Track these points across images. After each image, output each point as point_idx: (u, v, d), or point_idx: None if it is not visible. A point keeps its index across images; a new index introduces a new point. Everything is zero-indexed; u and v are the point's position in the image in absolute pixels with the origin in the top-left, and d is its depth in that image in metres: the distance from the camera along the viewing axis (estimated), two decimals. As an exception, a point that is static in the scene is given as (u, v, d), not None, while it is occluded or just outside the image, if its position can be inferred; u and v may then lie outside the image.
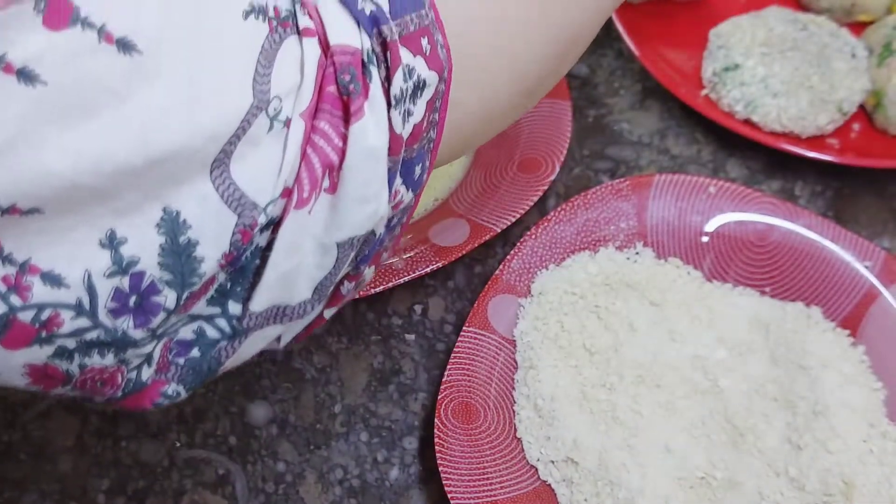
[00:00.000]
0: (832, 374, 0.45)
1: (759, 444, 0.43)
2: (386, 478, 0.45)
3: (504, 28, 0.31)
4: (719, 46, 0.56)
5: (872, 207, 0.55)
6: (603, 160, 0.56)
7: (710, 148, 0.57)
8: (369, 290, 0.45)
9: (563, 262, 0.48)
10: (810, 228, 0.49)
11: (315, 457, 0.45)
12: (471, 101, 0.30)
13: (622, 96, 0.59)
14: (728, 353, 0.45)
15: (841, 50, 0.55)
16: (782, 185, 0.56)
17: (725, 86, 0.55)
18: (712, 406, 0.44)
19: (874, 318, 0.47)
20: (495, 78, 0.31)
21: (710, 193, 0.50)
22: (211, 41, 0.22)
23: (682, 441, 0.43)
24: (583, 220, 0.49)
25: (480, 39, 0.30)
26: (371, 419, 0.46)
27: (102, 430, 0.45)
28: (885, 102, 0.54)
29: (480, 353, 0.45)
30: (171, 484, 0.44)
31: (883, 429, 0.44)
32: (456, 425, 0.42)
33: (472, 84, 0.30)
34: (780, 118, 0.54)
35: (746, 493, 0.41)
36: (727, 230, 0.49)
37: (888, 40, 0.55)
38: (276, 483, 0.44)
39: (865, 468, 0.42)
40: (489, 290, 0.46)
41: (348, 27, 0.25)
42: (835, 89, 0.53)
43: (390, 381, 0.48)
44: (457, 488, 0.40)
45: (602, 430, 0.43)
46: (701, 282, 0.49)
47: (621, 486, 0.41)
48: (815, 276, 0.48)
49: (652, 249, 0.49)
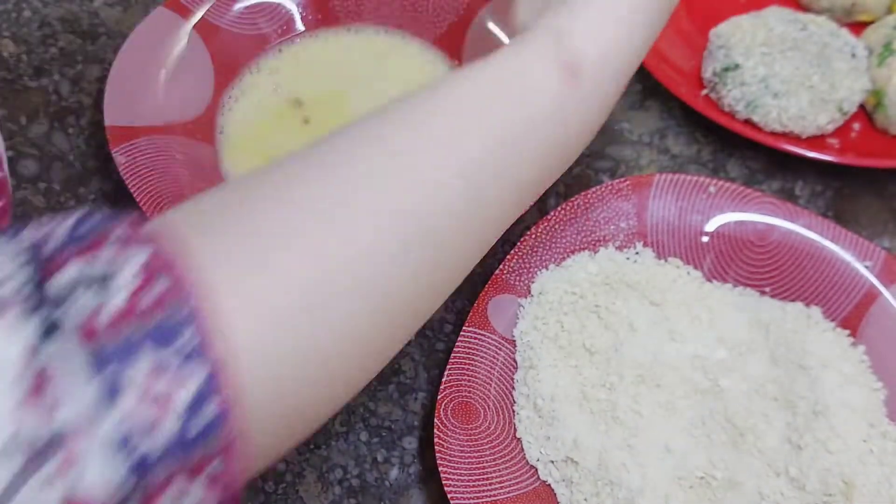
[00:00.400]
0: (832, 374, 0.45)
1: (759, 444, 0.43)
2: (385, 477, 0.45)
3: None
4: (719, 46, 0.56)
5: (872, 207, 0.55)
6: (603, 160, 0.56)
7: (710, 148, 0.57)
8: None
9: (563, 262, 0.48)
10: (810, 228, 0.49)
11: (314, 456, 0.45)
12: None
13: (622, 96, 0.59)
14: (728, 353, 0.45)
15: (841, 50, 0.55)
16: (782, 185, 0.56)
17: (725, 86, 0.55)
18: (712, 406, 0.44)
19: (874, 318, 0.47)
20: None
21: (710, 193, 0.50)
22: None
23: (682, 441, 0.43)
24: (583, 220, 0.49)
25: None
26: (371, 418, 0.46)
27: (102, 430, 0.45)
28: (886, 102, 0.54)
29: (480, 353, 0.45)
30: (170, 483, 0.44)
31: (883, 429, 0.44)
32: (456, 425, 0.42)
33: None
34: (781, 118, 0.54)
35: (746, 493, 0.41)
36: (727, 230, 0.49)
37: (888, 40, 0.55)
38: (275, 482, 0.44)
39: (865, 468, 0.42)
40: (489, 290, 0.46)
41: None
42: (835, 89, 0.53)
43: (390, 380, 0.48)
44: (456, 488, 0.40)
45: (602, 429, 0.43)
46: (701, 282, 0.49)
47: (621, 486, 0.41)
48: (815, 276, 0.48)
49: (652, 249, 0.49)
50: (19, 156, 0.54)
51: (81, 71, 0.58)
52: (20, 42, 0.59)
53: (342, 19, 0.58)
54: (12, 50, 0.58)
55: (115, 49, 0.56)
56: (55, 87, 0.57)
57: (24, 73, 0.57)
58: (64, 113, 0.56)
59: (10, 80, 0.57)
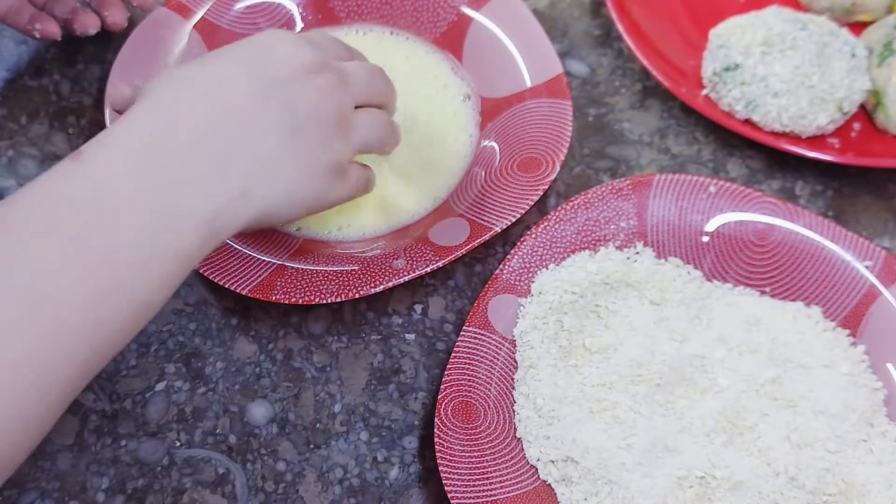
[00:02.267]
0: (832, 373, 0.45)
1: (759, 444, 0.43)
2: (386, 477, 0.45)
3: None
4: (719, 46, 0.56)
5: (872, 207, 0.55)
6: (603, 159, 0.56)
7: (711, 147, 0.57)
8: (369, 289, 0.45)
9: (563, 262, 0.48)
10: (810, 228, 0.49)
11: (315, 456, 0.45)
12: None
13: (622, 95, 0.59)
14: (728, 353, 0.45)
15: (841, 49, 0.55)
16: (782, 185, 0.56)
17: (725, 85, 0.55)
18: (712, 405, 0.44)
19: (874, 318, 0.47)
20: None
21: (710, 193, 0.50)
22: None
23: (681, 441, 0.43)
24: (583, 220, 0.49)
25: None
26: (371, 418, 0.46)
27: (102, 429, 0.45)
28: (886, 102, 0.54)
29: (480, 353, 0.45)
30: (170, 483, 0.44)
31: (883, 429, 0.44)
32: (456, 424, 0.42)
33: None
34: (781, 118, 0.54)
35: (746, 493, 0.41)
36: (727, 230, 0.49)
37: (888, 40, 0.55)
38: (275, 482, 0.44)
39: (865, 468, 0.42)
40: (489, 290, 0.46)
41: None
42: (835, 89, 0.53)
43: (390, 380, 0.48)
44: (457, 488, 0.40)
45: (601, 429, 0.43)
46: (701, 281, 0.49)
47: (621, 486, 0.41)
48: (815, 276, 0.48)
49: (652, 249, 0.49)
50: (19, 156, 0.54)
51: (81, 71, 0.58)
52: (20, 42, 0.59)
53: (342, 19, 0.58)
54: (12, 50, 0.58)
55: (115, 49, 0.56)
56: (55, 87, 0.57)
57: (25, 73, 0.57)
58: (64, 113, 0.56)
59: (11, 79, 0.57)
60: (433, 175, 0.52)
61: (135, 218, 0.34)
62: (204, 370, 0.47)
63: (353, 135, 0.43)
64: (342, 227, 0.50)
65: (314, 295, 0.45)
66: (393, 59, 0.56)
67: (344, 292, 0.45)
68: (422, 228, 0.50)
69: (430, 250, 0.47)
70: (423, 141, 0.53)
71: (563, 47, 0.60)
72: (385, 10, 0.58)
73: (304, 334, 0.49)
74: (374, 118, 0.45)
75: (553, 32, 0.60)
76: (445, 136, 0.54)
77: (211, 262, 0.46)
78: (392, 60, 0.55)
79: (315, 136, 0.40)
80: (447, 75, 0.56)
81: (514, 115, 0.53)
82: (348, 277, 0.46)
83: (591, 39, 0.62)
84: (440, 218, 0.50)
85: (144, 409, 0.46)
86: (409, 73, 0.56)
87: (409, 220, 0.51)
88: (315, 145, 0.40)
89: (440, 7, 0.57)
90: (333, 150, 0.41)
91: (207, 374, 0.47)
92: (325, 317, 0.49)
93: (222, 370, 0.47)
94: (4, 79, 0.57)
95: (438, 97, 0.55)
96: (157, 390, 0.46)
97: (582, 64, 0.60)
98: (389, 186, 0.52)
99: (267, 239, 0.49)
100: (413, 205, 0.51)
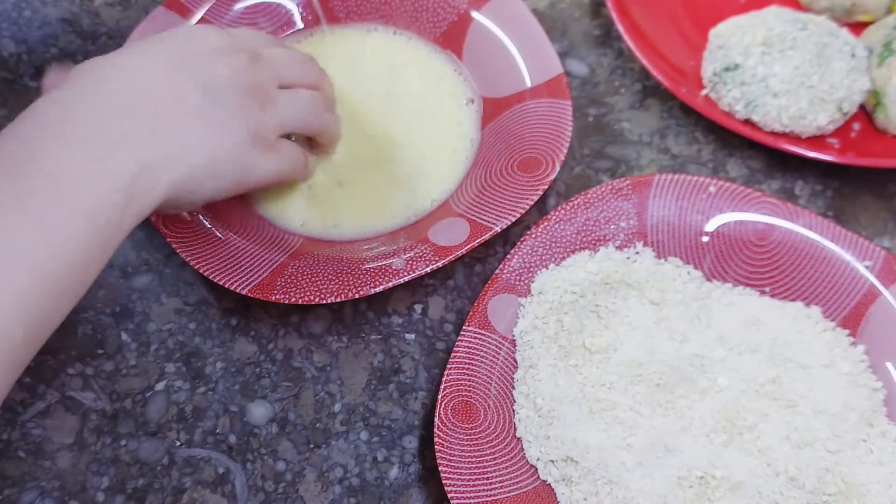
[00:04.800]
0: (832, 373, 0.45)
1: (759, 444, 0.43)
2: (385, 477, 0.45)
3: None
4: (719, 46, 0.56)
5: (872, 207, 0.55)
6: (603, 159, 0.56)
7: (710, 147, 0.57)
8: (369, 289, 0.45)
9: (563, 262, 0.48)
10: (810, 228, 0.49)
11: (315, 455, 0.45)
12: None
13: (622, 95, 0.59)
14: (728, 353, 0.45)
15: (841, 50, 0.55)
16: (782, 185, 0.56)
17: (725, 85, 0.55)
18: (712, 405, 0.44)
19: (874, 318, 0.47)
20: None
21: (710, 193, 0.50)
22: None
23: (681, 440, 0.43)
24: (583, 220, 0.49)
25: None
26: (371, 418, 0.46)
27: (102, 428, 0.45)
28: (886, 102, 0.54)
29: (480, 353, 0.45)
30: (170, 482, 0.44)
31: (883, 429, 0.44)
32: (456, 424, 0.42)
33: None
34: (781, 118, 0.54)
35: (746, 493, 0.41)
36: (727, 230, 0.49)
37: (888, 40, 0.55)
38: (275, 482, 0.44)
39: (865, 468, 0.42)
40: (489, 290, 0.46)
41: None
42: (835, 89, 0.53)
43: (390, 379, 0.48)
44: (457, 487, 0.40)
45: (601, 429, 0.43)
46: (701, 281, 0.49)
47: (620, 486, 0.41)
48: (815, 276, 0.48)
49: (652, 249, 0.49)
50: (20, 155, 0.54)
51: (82, 70, 0.57)
52: (20, 42, 0.59)
53: (342, 19, 0.58)
54: (12, 50, 0.58)
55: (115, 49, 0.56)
56: (55, 87, 0.57)
57: (25, 73, 0.57)
58: (64, 112, 0.56)
59: (11, 80, 0.57)
60: (432, 176, 0.52)
61: (43, 179, 0.35)
62: (204, 370, 0.47)
63: (274, 108, 0.44)
64: (337, 225, 0.51)
65: (314, 295, 0.45)
66: (392, 59, 0.56)
67: (344, 292, 0.45)
68: (422, 229, 0.50)
69: (429, 250, 0.47)
70: (425, 144, 0.53)
71: (563, 47, 0.61)
72: (385, 11, 0.58)
73: (304, 334, 0.49)
74: (299, 95, 0.46)
75: (553, 32, 0.61)
76: (447, 140, 0.54)
77: (211, 263, 0.46)
78: (390, 60, 0.55)
79: (228, 102, 0.42)
80: (451, 77, 0.56)
81: (514, 115, 0.53)
82: (348, 277, 0.46)
83: (591, 39, 0.62)
84: (440, 218, 0.50)
85: (144, 409, 0.46)
86: (412, 76, 0.56)
87: (408, 221, 0.51)
88: (230, 110, 0.42)
89: (440, 7, 0.57)
90: (252, 118, 0.43)
91: (207, 373, 0.47)
92: (325, 317, 0.49)
93: (222, 370, 0.47)
94: (4, 79, 0.57)
95: (444, 101, 0.55)
96: (157, 390, 0.46)
97: (582, 64, 0.60)
98: (389, 187, 0.52)
99: (267, 239, 0.49)
100: (413, 206, 0.51)
